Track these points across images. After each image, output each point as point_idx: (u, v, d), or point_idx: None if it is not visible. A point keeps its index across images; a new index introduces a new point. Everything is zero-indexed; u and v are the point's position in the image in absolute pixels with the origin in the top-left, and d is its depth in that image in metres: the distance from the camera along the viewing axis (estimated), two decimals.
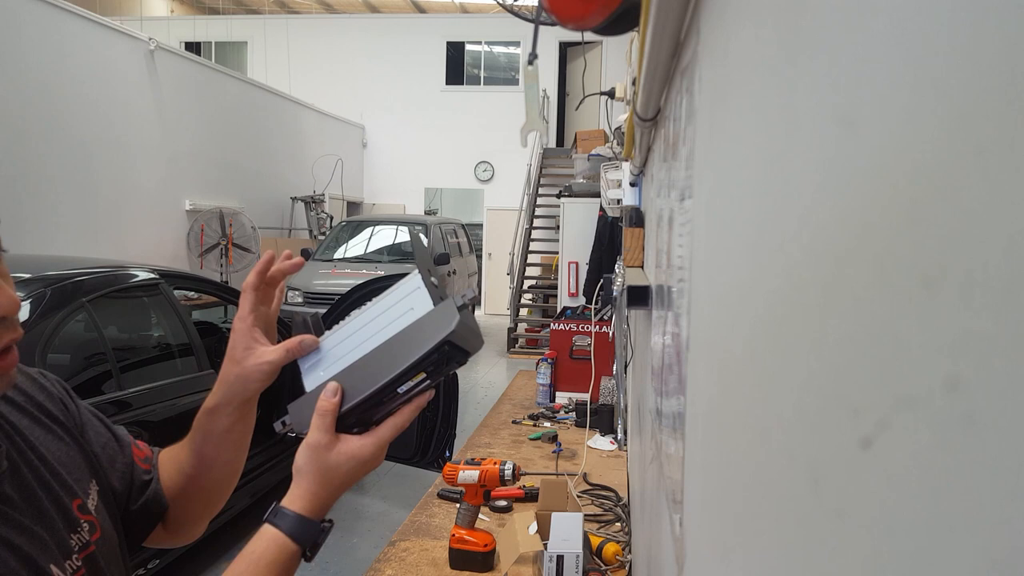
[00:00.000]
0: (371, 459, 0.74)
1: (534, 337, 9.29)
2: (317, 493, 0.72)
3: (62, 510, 0.69)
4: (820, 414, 0.26)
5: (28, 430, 0.71)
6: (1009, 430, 0.14)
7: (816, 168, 0.27)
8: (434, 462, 3.70)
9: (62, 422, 0.76)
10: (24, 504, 0.65)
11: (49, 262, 2.89)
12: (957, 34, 0.17)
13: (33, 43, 6.24)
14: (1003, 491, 0.14)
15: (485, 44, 13.60)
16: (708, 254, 0.55)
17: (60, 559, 0.66)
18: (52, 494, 0.69)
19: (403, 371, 0.72)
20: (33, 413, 0.73)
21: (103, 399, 2.71)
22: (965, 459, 0.16)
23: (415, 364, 0.72)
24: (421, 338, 0.73)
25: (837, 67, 0.25)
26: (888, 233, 0.20)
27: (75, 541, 0.69)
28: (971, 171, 0.16)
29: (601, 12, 0.98)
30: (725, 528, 0.43)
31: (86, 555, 0.69)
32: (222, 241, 8.44)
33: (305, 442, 0.73)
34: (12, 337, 0.61)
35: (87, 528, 0.71)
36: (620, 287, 1.61)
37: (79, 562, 0.68)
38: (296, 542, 0.71)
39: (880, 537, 0.20)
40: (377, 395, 0.73)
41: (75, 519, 0.70)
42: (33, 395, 0.74)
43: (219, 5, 14.31)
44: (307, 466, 0.72)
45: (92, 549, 0.71)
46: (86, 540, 0.70)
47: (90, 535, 0.71)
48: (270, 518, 0.71)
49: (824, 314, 0.26)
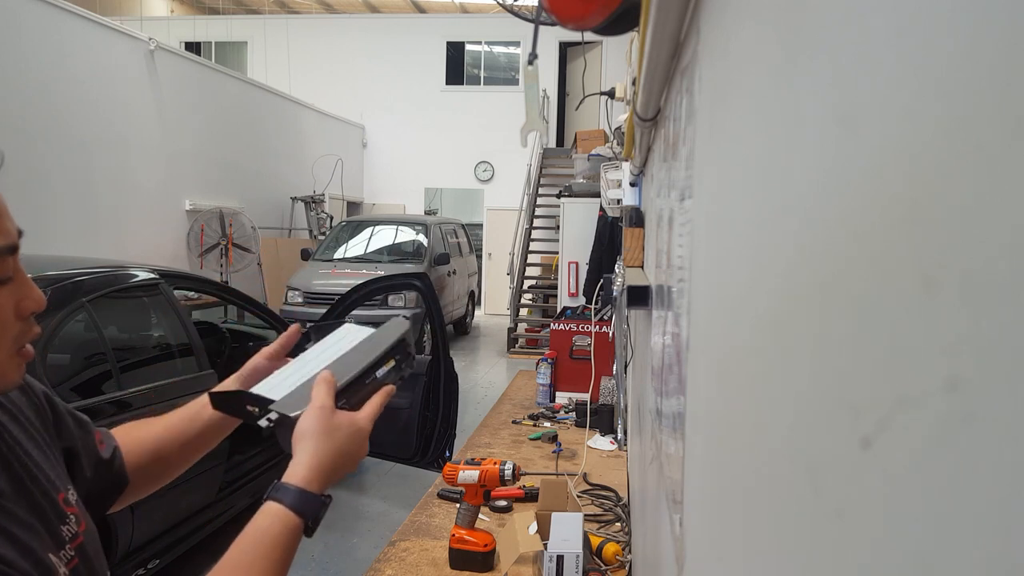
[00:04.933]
0: (362, 431, 0.81)
1: (534, 337, 9.29)
2: (321, 461, 0.76)
3: (51, 502, 0.70)
4: (820, 414, 0.26)
5: (11, 426, 0.72)
6: (1009, 430, 0.14)
7: (816, 168, 0.27)
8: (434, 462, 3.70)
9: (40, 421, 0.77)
10: (17, 496, 0.66)
11: (49, 262, 2.89)
12: (957, 34, 0.17)
13: (33, 43, 6.24)
14: (1003, 491, 0.14)
15: (485, 44, 13.60)
16: (708, 254, 0.55)
17: (55, 549, 0.67)
18: (40, 487, 0.70)
19: (380, 355, 0.89)
20: (12, 411, 0.74)
21: (103, 399, 2.71)
22: (965, 459, 0.16)
23: (388, 350, 0.89)
24: (385, 336, 0.92)
25: (837, 67, 0.25)
26: (888, 233, 0.20)
27: (66, 532, 0.70)
28: (971, 171, 0.16)
29: (601, 12, 0.98)
30: (725, 528, 0.43)
31: (77, 545, 0.71)
32: (222, 241, 8.44)
33: (312, 405, 0.80)
34: (36, 332, 0.66)
35: (74, 520, 0.72)
36: (620, 287, 1.61)
37: (72, 552, 0.69)
38: (298, 514, 0.72)
39: (880, 537, 0.20)
40: (363, 376, 0.86)
41: (62, 511, 0.71)
42: (12, 394, 0.75)
43: (219, 5, 14.31)
44: (313, 426, 0.78)
45: (81, 540, 0.72)
46: (75, 531, 0.72)
47: (77, 526, 0.72)
48: (271, 494, 0.74)
49: (824, 314, 0.26)
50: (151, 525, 2.84)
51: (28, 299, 0.65)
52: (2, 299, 0.63)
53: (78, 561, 0.69)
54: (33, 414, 0.77)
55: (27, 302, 0.65)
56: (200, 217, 8.41)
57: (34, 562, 0.62)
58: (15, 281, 0.64)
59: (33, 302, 0.65)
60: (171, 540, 2.98)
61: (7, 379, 0.65)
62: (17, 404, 0.75)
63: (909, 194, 0.19)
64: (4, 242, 0.63)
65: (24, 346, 0.66)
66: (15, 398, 0.75)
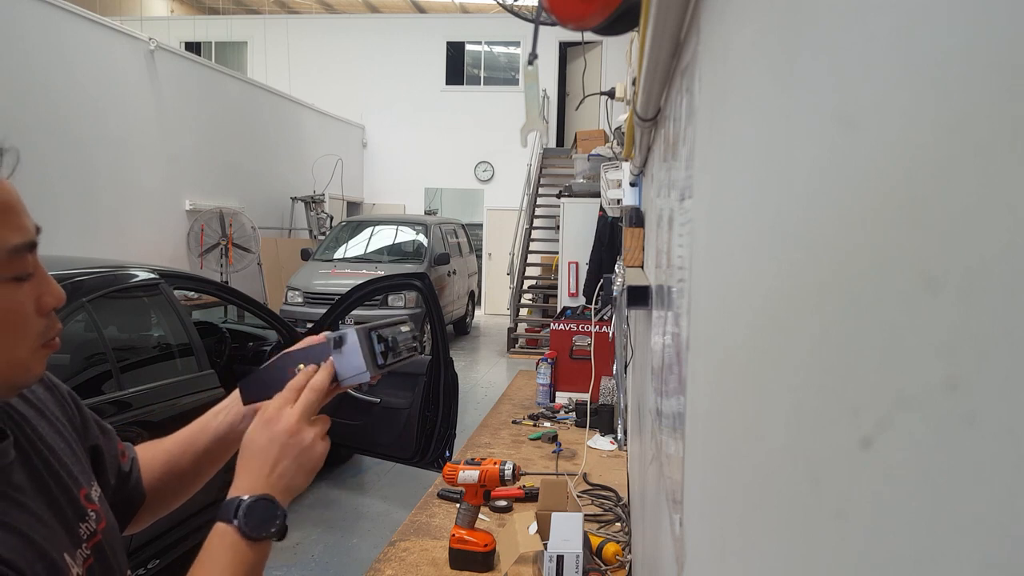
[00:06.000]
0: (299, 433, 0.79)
1: (534, 337, 9.29)
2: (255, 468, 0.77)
3: (71, 499, 0.70)
4: (820, 414, 0.26)
5: (35, 421, 0.72)
6: (1009, 430, 0.14)
7: (816, 168, 0.27)
8: (434, 462, 3.70)
9: (68, 414, 0.78)
10: (35, 492, 0.66)
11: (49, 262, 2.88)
12: (957, 34, 0.17)
13: (33, 43, 6.24)
14: (1003, 491, 0.14)
15: (485, 44, 13.59)
16: (708, 254, 0.55)
17: (71, 548, 0.67)
18: (60, 483, 0.70)
19: None
20: (38, 406, 0.74)
21: (103, 399, 2.70)
22: (965, 459, 0.16)
23: None
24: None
25: (837, 67, 0.25)
26: (888, 233, 0.20)
27: (84, 530, 0.70)
28: (971, 171, 0.16)
29: (601, 12, 0.98)
30: (725, 528, 0.43)
31: (94, 543, 0.71)
32: (222, 241, 8.44)
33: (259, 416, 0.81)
34: (59, 328, 0.67)
35: (94, 517, 0.72)
36: (620, 287, 1.61)
37: (88, 551, 0.69)
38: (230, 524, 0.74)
39: (880, 537, 0.20)
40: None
41: (82, 508, 0.71)
42: (36, 390, 0.76)
43: (219, 5, 14.31)
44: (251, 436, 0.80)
45: (99, 538, 0.72)
46: (93, 529, 0.72)
47: (97, 524, 0.72)
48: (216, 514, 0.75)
49: (824, 314, 0.26)
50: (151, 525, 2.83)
51: (48, 295, 0.66)
52: (23, 295, 0.63)
53: (93, 560, 0.69)
54: (59, 411, 0.77)
55: (47, 298, 0.66)
56: (200, 217, 8.41)
57: (42, 560, 0.62)
58: (35, 277, 0.65)
59: (53, 298, 0.66)
60: (171, 540, 2.98)
61: (31, 372, 0.65)
62: (42, 399, 0.75)
63: (909, 193, 0.19)
64: (23, 239, 0.63)
65: (52, 339, 0.67)
66: (40, 394, 0.76)
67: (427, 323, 3.69)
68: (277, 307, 8.07)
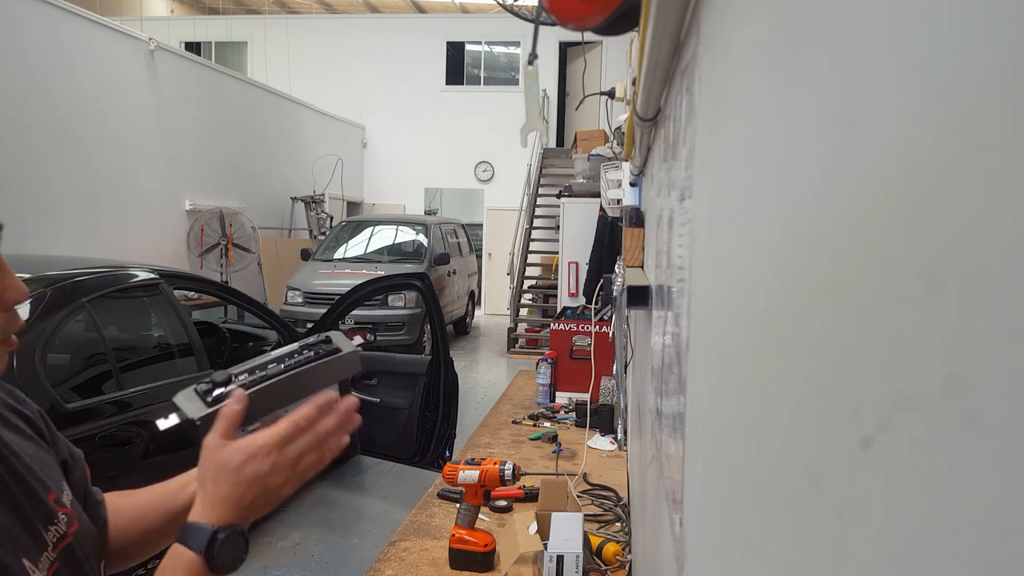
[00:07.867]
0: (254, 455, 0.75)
1: (534, 337, 9.29)
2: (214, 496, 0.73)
3: (37, 503, 0.69)
4: (820, 414, 0.26)
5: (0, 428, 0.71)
6: (1009, 430, 0.14)
7: (816, 168, 0.27)
8: (434, 462, 3.71)
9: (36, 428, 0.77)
10: None
11: (49, 262, 2.89)
12: (957, 34, 0.17)
13: (33, 43, 6.23)
14: (1003, 491, 0.14)
15: (485, 44, 13.59)
16: (708, 254, 0.55)
17: (34, 553, 0.65)
18: (26, 488, 0.69)
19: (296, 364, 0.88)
20: (4, 415, 0.73)
21: (103, 399, 2.70)
22: (965, 459, 0.16)
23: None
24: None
25: (837, 67, 0.25)
26: (888, 233, 0.20)
27: (52, 533, 0.69)
28: (971, 171, 0.16)
29: (601, 12, 0.98)
30: (725, 528, 0.43)
31: (63, 547, 0.69)
32: (222, 241, 8.44)
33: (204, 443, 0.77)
34: (20, 324, 0.66)
35: (64, 520, 0.71)
36: (620, 287, 1.61)
37: (54, 555, 0.68)
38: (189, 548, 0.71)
39: (880, 537, 0.20)
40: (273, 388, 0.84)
41: (51, 511, 0.70)
42: (4, 399, 0.75)
43: (219, 5, 14.31)
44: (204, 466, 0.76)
45: (69, 540, 0.70)
46: (63, 531, 0.70)
47: (67, 527, 0.71)
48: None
49: (824, 314, 0.26)
50: None
51: (11, 290, 0.65)
52: None
53: (60, 565, 0.68)
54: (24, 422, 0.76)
55: (10, 293, 0.65)
56: (200, 217, 8.41)
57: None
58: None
59: (15, 292, 0.65)
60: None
61: None
62: (8, 404, 0.74)
63: (909, 194, 0.19)
64: None
65: (9, 336, 0.66)
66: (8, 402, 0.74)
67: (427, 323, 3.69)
68: (277, 307, 8.07)
